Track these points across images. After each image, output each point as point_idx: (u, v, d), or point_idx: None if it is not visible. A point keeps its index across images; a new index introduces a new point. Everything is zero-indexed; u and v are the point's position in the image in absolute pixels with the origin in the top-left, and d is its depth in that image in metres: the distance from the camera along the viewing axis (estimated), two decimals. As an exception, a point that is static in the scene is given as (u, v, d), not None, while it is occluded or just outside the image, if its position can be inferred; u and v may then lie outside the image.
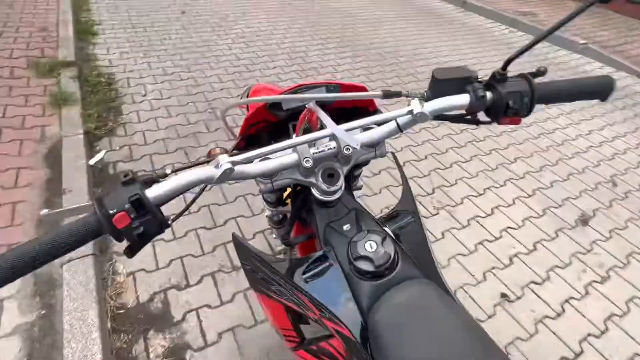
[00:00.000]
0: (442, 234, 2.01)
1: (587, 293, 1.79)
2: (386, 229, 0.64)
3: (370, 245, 0.55)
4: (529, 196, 2.33)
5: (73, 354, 1.30)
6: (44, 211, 0.48)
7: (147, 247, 1.72)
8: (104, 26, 3.89)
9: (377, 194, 2.20)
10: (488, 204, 2.23)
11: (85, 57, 3.25)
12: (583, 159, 2.72)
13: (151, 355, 1.38)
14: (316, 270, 0.61)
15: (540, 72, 0.58)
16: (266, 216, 0.89)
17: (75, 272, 1.52)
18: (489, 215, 2.16)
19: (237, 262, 1.74)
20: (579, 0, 6.29)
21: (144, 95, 2.86)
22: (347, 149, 0.56)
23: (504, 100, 0.56)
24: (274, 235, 1.57)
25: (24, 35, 3.29)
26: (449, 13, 5.62)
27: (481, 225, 2.09)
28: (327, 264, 0.60)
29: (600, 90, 0.63)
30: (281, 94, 0.63)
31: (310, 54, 3.81)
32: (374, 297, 0.55)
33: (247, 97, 1.15)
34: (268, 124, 0.71)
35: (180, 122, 2.62)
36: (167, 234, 1.81)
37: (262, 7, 4.94)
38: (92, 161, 2.19)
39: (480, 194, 2.30)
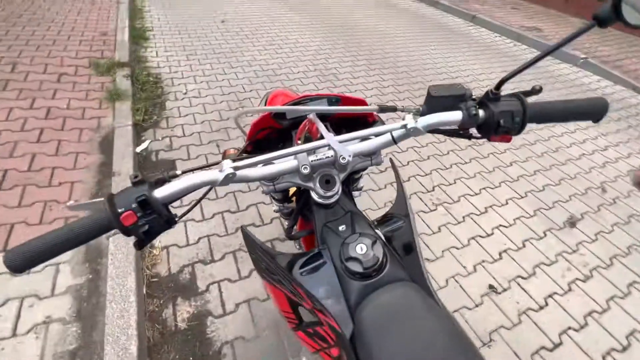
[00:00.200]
0: (439, 228, 1.94)
1: (570, 289, 1.69)
2: (378, 231, 0.60)
3: (360, 248, 0.52)
4: (522, 197, 2.22)
5: (113, 314, 1.33)
6: (70, 203, 0.48)
7: (180, 226, 1.75)
8: (154, 32, 3.93)
9: (382, 189, 2.14)
10: (483, 203, 2.14)
11: (138, 59, 3.29)
12: (575, 165, 2.56)
13: (178, 319, 1.40)
14: (312, 266, 0.58)
15: (535, 91, 0.51)
16: (274, 210, 0.87)
17: (119, 244, 1.56)
18: (483, 213, 2.07)
19: (255, 243, 1.74)
20: (581, 17, 5.89)
21: (185, 94, 2.88)
22: (343, 158, 0.52)
23: (495, 119, 0.50)
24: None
25: (88, 39, 3.35)
26: (458, 27, 5.37)
27: (475, 222, 2.00)
28: (322, 261, 0.58)
29: (593, 111, 0.56)
30: (286, 104, 0.59)
31: (331, 61, 3.73)
32: (362, 296, 0.52)
33: (267, 100, 1.12)
34: (274, 130, 0.68)
35: (214, 118, 2.62)
36: (197, 215, 1.83)
37: (291, 19, 4.86)
38: (138, 149, 2.22)
39: (477, 194, 2.21)
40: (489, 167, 2.43)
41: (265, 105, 1.10)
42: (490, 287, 1.66)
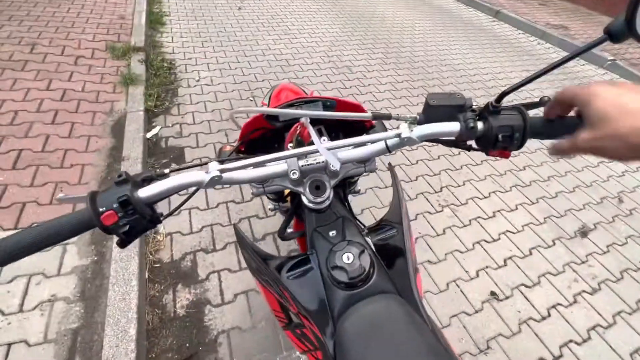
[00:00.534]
0: (444, 230, 1.90)
1: (575, 301, 1.64)
2: (369, 239, 0.58)
3: (347, 257, 0.50)
4: (533, 204, 2.15)
5: (115, 296, 1.36)
6: (60, 195, 0.48)
7: (184, 214, 1.76)
8: (171, 17, 3.92)
9: (388, 187, 2.11)
10: (491, 207, 2.08)
11: (153, 44, 3.30)
12: (592, 173, 2.46)
13: (177, 306, 1.43)
14: (299, 270, 0.57)
15: (543, 102, 0.47)
16: (269, 208, 0.86)
17: (124, 228, 1.58)
18: (490, 217, 2.02)
19: (257, 235, 1.74)
20: (611, 15, 5.58)
21: (198, 81, 2.88)
22: (332, 166, 0.50)
23: (494, 133, 0.47)
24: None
25: (106, 22, 3.37)
26: (480, 22, 5.17)
27: (482, 226, 1.95)
28: (309, 266, 0.56)
29: None
30: (278, 106, 0.57)
31: (346, 53, 3.66)
32: (346, 306, 0.50)
33: (271, 95, 1.10)
34: (266, 130, 0.66)
35: (224, 106, 2.62)
36: (202, 203, 1.84)
37: (309, 8, 4.77)
38: (148, 135, 2.24)
39: (486, 197, 2.15)
40: (500, 170, 2.36)
41: (269, 99, 1.08)
42: (492, 293, 1.62)
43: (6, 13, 3.13)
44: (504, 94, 0.47)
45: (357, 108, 0.57)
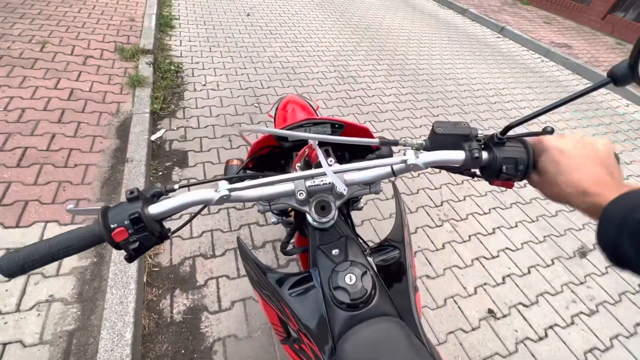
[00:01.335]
0: (443, 245, 1.90)
1: (572, 323, 1.63)
2: (371, 259, 0.58)
3: (349, 278, 0.51)
4: (532, 221, 2.15)
5: (113, 299, 1.36)
6: (70, 206, 0.48)
7: (185, 218, 1.76)
8: (180, 21, 3.97)
9: (389, 199, 2.11)
10: (491, 223, 2.08)
11: (161, 47, 3.33)
12: (593, 193, 2.46)
13: (174, 311, 1.42)
14: (301, 287, 0.57)
15: (546, 132, 0.48)
16: (272, 222, 0.86)
17: (125, 230, 1.58)
18: (490, 234, 2.02)
19: (257, 242, 1.74)
20: (616, 37, 5.64)
21: (204, 85, 2.90)
22: (340, 189, 0.50)
23: (498, 165, 0.47)
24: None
25: (115, 24, 3.41)
26: (485, 38, 5.23)
27: (481, 242, 1.95)
28: (311, 284, 0.57)
29: None
30: (287, 127, 0.58)
31: (351, 63, 3.69)
32: (346, 327, 0.51)
33: (278, 107, 1.11)
34: (274, 148, 0.67)
35: (229, 112, 2.64)
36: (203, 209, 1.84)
37: (316, 17, 4.83)
38: (153, 137, 2.26)
39: (486, 213, 2.15)
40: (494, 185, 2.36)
41: (276, 111, 1.09)
42: (490, 311, 1.62)
43: (19, 11, 3.17)
44: (509, 127, 0.48)
45: (365, 132, 0.58)
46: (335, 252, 0.58)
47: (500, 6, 6.60)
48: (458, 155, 0.48)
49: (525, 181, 0.50)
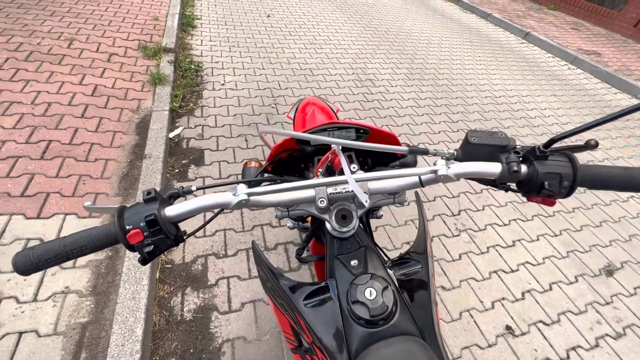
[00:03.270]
0: (460, 256, 1.84)
1: (597, 345, 1.54)
2: (391, 272, 0.55)
3: (370, 292, 0.48)
4: (555, 235, 2.05)
5: (125, 294, 1.37)
6: (87, 203, 0.47)
7: (199, 216, 1.77)
8: (202, 21, 4.03)
9: (405, 206, 2.07)
10: (511, 236, 2.00)
11: (183, 46, 3.39)
12: (621, 207, 2.34)
13: (185, 309, 1.42)
14: (317, 298, 0.55)
15: (590, 146, 0.44)
16: (288, 227, 0.84)
17: (140, 226, 1.60)
18: (510, 246, 1.94)
19: (269, 244, 1.73)
20: (651, 45, 5.39)
21: (222, 85, 2.93)
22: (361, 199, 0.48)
23: (539, 180, 0.43)
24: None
25: (140, 22, 3.49)
26: (509, 43, 5.09)
27: (500, 254, 1.88)
28: (328, 295, 0.54)
29: None
30: (310, 130, 0.56)
31: (370, 66, 3.66)
32: (364, 344, 0.48)
33: (297, 108, 1.09)
34: (295, 152, 0.65)
35: (246, 112, 2.65)
36: (217, 207, 1.84)
37: (336, 19, 4.82)
38: (171, 134, 2.28)
39: (505, 224, 2.07)
40: (523, 197, 2.28)
41: (295, 113, 1.08)
42: (508, 328, 1.55)
43: (49, 9, 3.29)
44: (553, 140, 0.44)
45: (392, 139, 0.56)
46: (354, 263, 0.55)
47: (526, 11, 6.42)
48: (494, 168, 0.44)
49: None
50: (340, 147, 0.47)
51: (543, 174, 0.43)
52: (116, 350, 1.21)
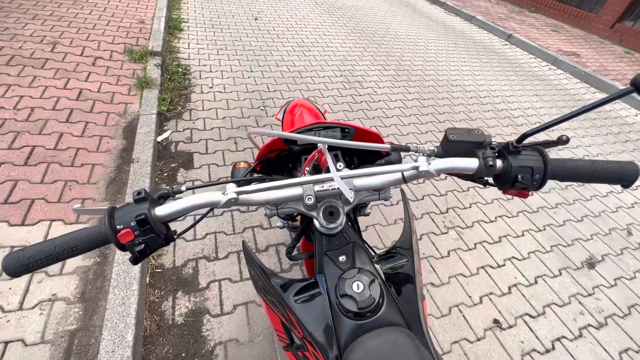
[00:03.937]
0: (448, 253, 1.87)
1: (580, 335, 1.60)
2: (378, 267, 0.57)
3: (357, 286, 0.50)
4: (539, 231, 2.12)
5: (115, 300, 1.35)
6: (76, 206, 0.48)
7: (189, 219, 1.76)
8: (189, 24, 4.01)
9: (394, 205, 2.10)
10: (497, 232, 2.05)
11: (170, 49, 3.36)
12: (601, 202, 2.43)
13: (176, 313, 1.41)
14: (306, 294, 0.56)
15: (562, 141, 0.46)
16: (277, 226, 0.85)
17: (129, 231, 1.58)
18: (496, 242, 1.99)
19: (260, 246, 1.73)
20: (624, 45, 5.61)
21: (211, 87, 2.92)
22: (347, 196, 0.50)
23: (513, 173, 0.46)
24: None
25: (126, 26, 3.45)
26: (493, 45, 5.22)
27: (487, 250, 1.93)
28: (317, 291, 0.55)
29: (622, 176, 0.50)
30: (297, 130, 0.57)
31: (357, 68, 3.70)
32: (353, 336, 0.49)
33: (285, 110, 1.10)
34: (283, 151, 0.66)
35: (235, 114, 2.65)
36: (207, 210, 1.83)
37: (324, 22, 4.86)
38: (159, 138, 2.26)
39: (492, 221, 2.13)
40: (499, 191, 2.34)
41: (283, 114, 1.09)
42: (495, 321, 1.59)
43: (31, 12, 3.22)
44: (525, 136, 0.46)
45: (376, 137, 0.58)
46: (342, 258, 0.57)
47: (508, 14, 6.59)
48: (471, 163, 0.46)
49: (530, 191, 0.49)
50: (326, 146, 0.49)
51: (516, 167, 0.46)
52: (106, 356, 1.20)
